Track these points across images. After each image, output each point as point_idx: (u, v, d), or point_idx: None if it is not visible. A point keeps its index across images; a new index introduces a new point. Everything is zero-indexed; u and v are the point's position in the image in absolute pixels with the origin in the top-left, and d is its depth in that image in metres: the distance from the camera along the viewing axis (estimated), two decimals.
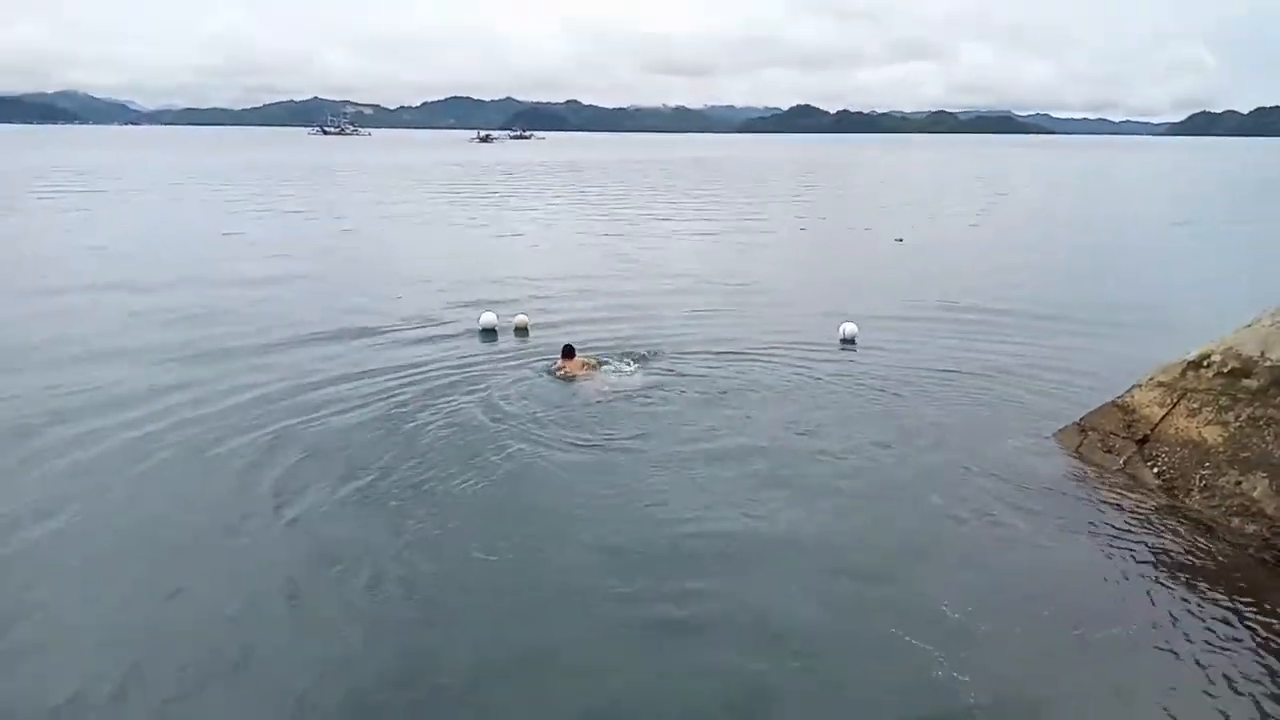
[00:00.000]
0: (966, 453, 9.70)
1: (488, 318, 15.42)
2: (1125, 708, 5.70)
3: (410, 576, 7.10)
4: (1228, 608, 6.73)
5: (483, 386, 11.88)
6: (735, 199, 49.59)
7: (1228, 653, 6.18)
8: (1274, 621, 6.55)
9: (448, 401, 11.24)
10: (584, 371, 12.49)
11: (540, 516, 8.10)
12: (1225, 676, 5.92)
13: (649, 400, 11.39)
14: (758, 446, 9.79)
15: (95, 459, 9.43)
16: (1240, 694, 5.76)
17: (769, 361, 13.24)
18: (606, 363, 12.95)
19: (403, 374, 12.52)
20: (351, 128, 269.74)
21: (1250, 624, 6.52)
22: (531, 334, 15.16)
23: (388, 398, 11.44)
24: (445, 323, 16.16)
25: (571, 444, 9.78)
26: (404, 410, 10.92)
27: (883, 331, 15.19)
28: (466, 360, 13.30)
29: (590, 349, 13.57)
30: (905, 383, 12.28)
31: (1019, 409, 11.26)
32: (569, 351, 12.88)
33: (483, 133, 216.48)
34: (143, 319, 16.32)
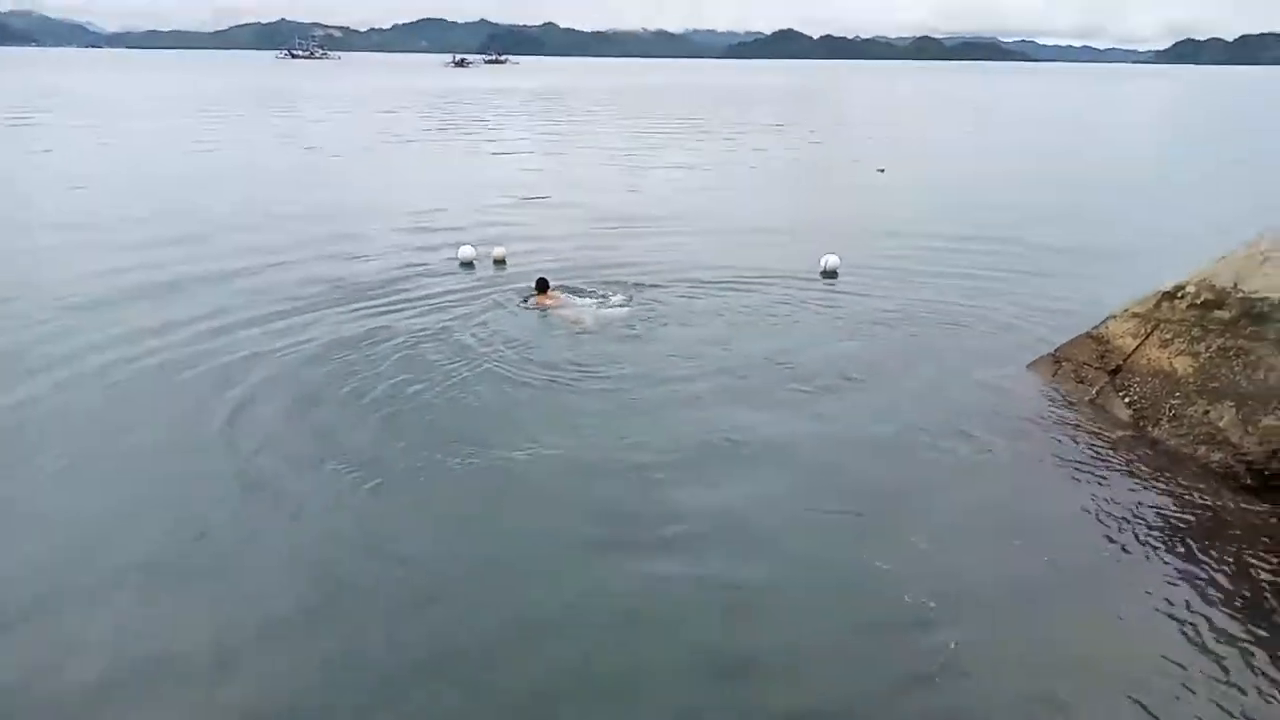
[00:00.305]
0: (942, 383, 9.84)
1: (466, 250, 15.27)
2: (1092, 630, 5.90)
3: (366, 506, 7.17)
4: (1190, 533, 6.94)
5: (455, 318, 11.81)
6: (717, 128, 48.86)
7: (1189, 573, 6.39)
8: (1233, 545, 6.76)
9: (419, 333, 11.17)
10: (558, 303, 12.45)
11: (508, 445, 8.11)
12: (1186, 594, 6.14)
13: (626, 332, 11.38)
14: (735, 379, 9.84)
15: (64, 383, 9.48)
16: (1198, 610, 5.97)
17: (749, 294, 13.23)
18: (583, 294, 12.89)
19: (375, 305, 12.44)
20: (321, 51, 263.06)
21: (1212, 548, 6.73)
22: (509, 265, 15.05)
23: (358, 328, 11.39)
24: (424, 252, 16.02)
25: (543, 376, 9.77)
26: (373, 341, 10.86)
27: (864, 263, 15.19)
28: (441, 292, 13.19)
29: (568, 281, 13.49)
30: (886, 314, 12.35)
31: (997, 339, 11.39)
32: (543, 284, 12.78)
33: (457, 57, 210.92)
34: (109, 249, 16.03)
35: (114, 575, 6.30)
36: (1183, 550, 6.72)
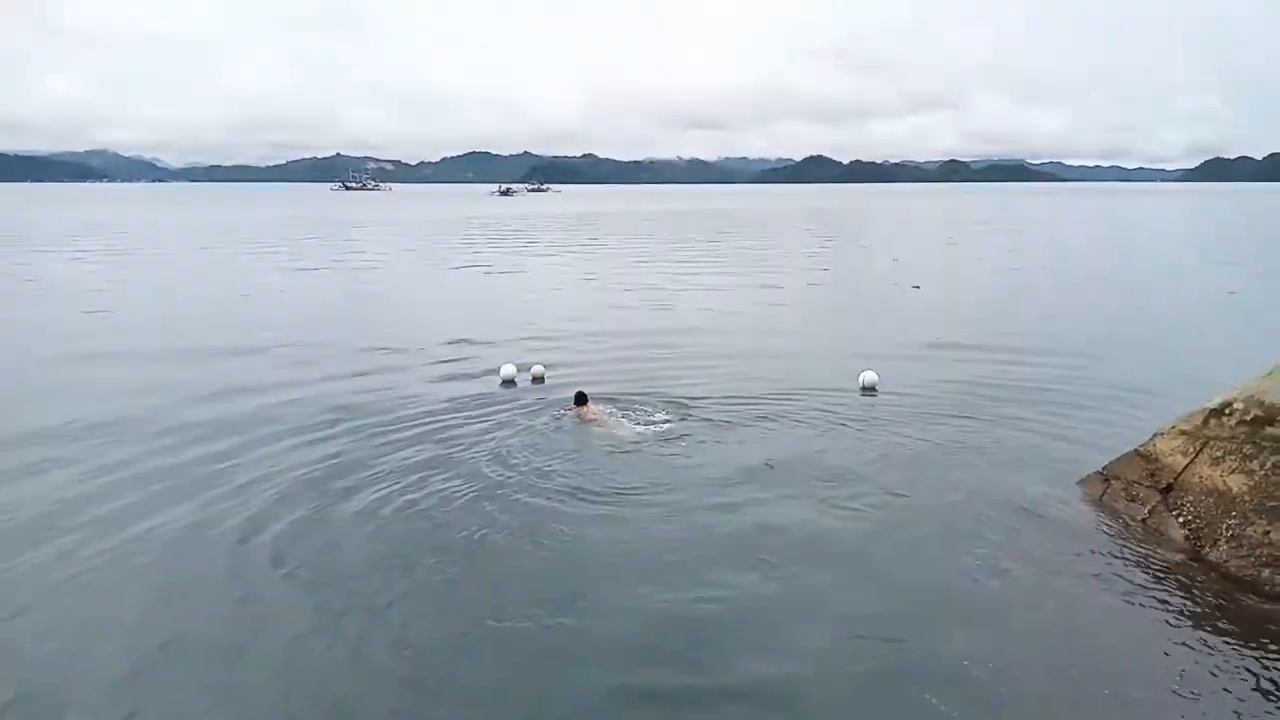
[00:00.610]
0: (989, 503, 9.58)
1: (507, 369, 15.54)
2: None
3: (406, 634, 7.00)
4: (1259, 662, 6.55)
5: (492, 434, 11.91)
6: (752, 248, 49.83)
7: (1260, 710, 6.02)
8: None
9: (455, 449, 11.28)
10: (597, 418, 12.53)
11: (545, 574, 7.98)
12: None
13: (664, 450, 11.35)
14: (775, 498, 9.70)
15: (82, 496, 9.51)
16: None
17: (788, 410, 13.18)
18: (622, 409, 12.97)
19: (412, 421, 12.60)
20: (373, 183, 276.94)
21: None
22: (549, 382, 15.24)
23: (392, 444, 11.53)
24: (464, 367, 16.36)
25: (580, 497, 9.69)
26: (406, 458, 10.94)
27: (903, 379, 15.12)
28: (479, 409, 13.33)
29: (606, 397, 13.61)
30: (926, 431, 12.20)
31: (1042, 457, 11.13)
32: (581, 398, 12.94)
33: (503, 187, 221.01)
34: (159, 368, 16.60)
35: (106, 691, 6.27)
36: (1249, 680, 6.33)
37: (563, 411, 12.86)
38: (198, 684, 6.37)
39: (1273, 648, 6.77)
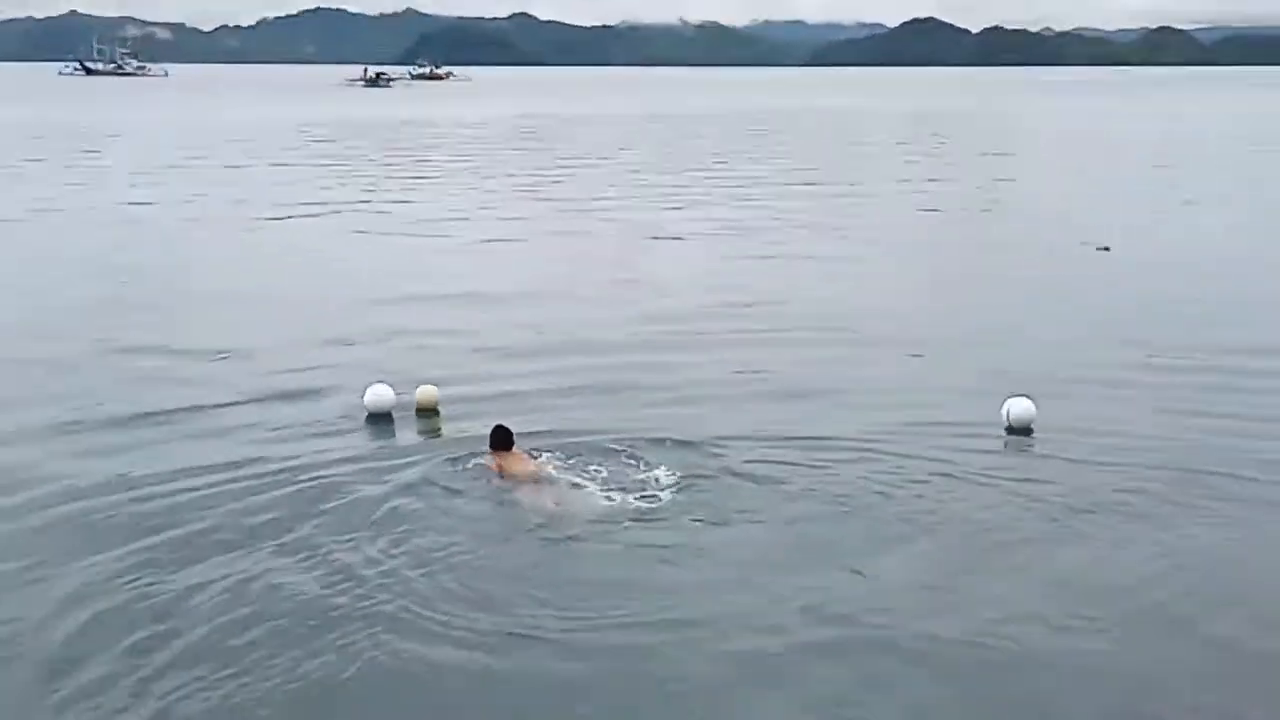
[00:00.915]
0: (1238, 644, 9.49)
1: (378, 393, 15.39)
2: None
3: None
4: None
5: (340, 507, 11.89)
6: (816, 181, 49.96)
7: None
8: None
9: (276, 539, 11.16)
10: (528, 472, 12.58)
11: None
12: None
13: (655, 535, 11.32)
14: (859, 629, 9.61)
15: None
16: None
17: (879, 464, 13.20)
18: (576, 462, 13.00)
19: (200, 488, 12.52)
20: (135, 63, 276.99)
21: None
22: (447, 412, 15.31)
23: (163, 527, 11.43)
24: (298, 388, 16.54)
25: (492, 630, 9.48)
26: (188, 554, 10.84)
27: (1081, 411, 15.25)
28: (322, 464, 13.30)
29: (549, 439, 13.72)
30: (1119, 499, 12.21)
31: None
32: (503, 437, 12.96)
33: (372, 71, 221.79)
34: None
35: None
36: None
37: (469, 462, 12.96)
38: None
39: None
